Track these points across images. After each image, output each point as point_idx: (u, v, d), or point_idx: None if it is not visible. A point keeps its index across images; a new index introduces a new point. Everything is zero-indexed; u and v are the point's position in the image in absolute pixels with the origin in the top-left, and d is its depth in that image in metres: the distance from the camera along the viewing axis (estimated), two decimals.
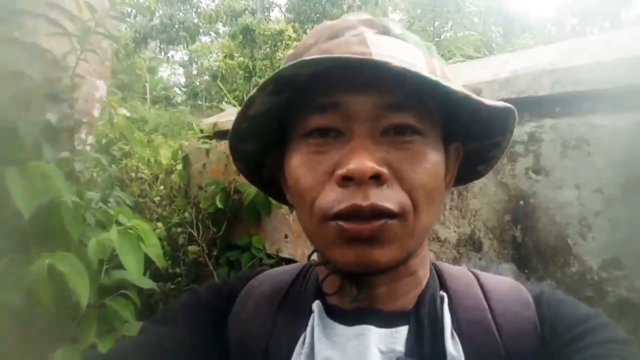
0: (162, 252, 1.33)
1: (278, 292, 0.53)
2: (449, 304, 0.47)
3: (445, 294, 0.48)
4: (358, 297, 0.46)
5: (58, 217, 1.22)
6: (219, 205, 1.99)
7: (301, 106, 0.44)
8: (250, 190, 1.88)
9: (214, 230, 1.98)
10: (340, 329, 0.46)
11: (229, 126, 2.24)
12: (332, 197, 0.41)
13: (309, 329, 0.47)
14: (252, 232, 1.98)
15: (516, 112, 0.47)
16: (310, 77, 0.41)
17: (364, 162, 0.39)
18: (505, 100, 0.48)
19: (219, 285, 0.56)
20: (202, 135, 2.33)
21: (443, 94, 0.41)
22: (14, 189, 1.12)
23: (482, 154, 0.53)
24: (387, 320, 0.46)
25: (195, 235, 1.96)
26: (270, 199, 1.83)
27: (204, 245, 1.94)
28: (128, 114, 2.11)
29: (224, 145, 2.21)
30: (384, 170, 0.40)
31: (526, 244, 1.08)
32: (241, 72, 12.07)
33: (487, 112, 0.45)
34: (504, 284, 0.50)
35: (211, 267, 1.90)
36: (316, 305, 0.48)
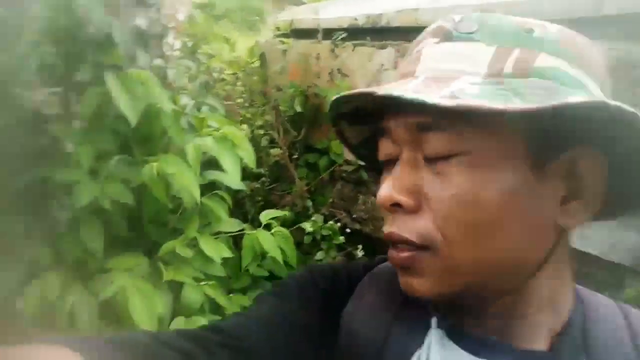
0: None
1: (396, 296, 0.47)
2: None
3: (586, 343, 0.42)
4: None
5: (157, 123, 1.29)
6: (298, 109, 2.00)
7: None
8: (331, 95, 1.86)
9: (294, 133, 2.02)
10: (461, 354, 0.42)
11: (307, 25, 2.17)
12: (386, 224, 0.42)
13: (425, 347, 0.43)
14: (330, 136, 1.99)
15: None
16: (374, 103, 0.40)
17: (384, 190, 0.39)
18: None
19: (338, 272, 0.52)
20: (279, 33, 2.28)
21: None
22: (117, 96, 1.18)
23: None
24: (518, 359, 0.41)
25: (276, 137, 2.01)
26: None
27: (284, 147, 2.00)
28: None
29: (301, 46, 2.16)
30: (403, 198, 0.38)
31: None
32: None
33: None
34: None
35: (292, 170, 1.97)
36: (434, 322, 0.44)
